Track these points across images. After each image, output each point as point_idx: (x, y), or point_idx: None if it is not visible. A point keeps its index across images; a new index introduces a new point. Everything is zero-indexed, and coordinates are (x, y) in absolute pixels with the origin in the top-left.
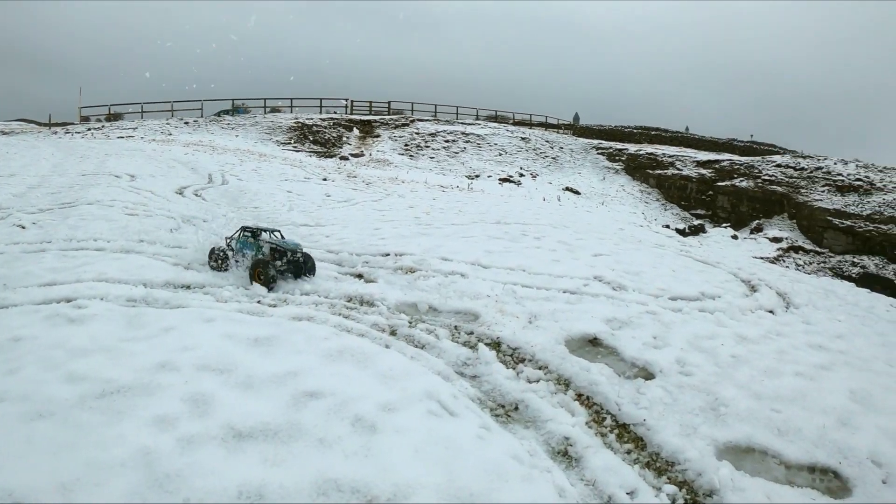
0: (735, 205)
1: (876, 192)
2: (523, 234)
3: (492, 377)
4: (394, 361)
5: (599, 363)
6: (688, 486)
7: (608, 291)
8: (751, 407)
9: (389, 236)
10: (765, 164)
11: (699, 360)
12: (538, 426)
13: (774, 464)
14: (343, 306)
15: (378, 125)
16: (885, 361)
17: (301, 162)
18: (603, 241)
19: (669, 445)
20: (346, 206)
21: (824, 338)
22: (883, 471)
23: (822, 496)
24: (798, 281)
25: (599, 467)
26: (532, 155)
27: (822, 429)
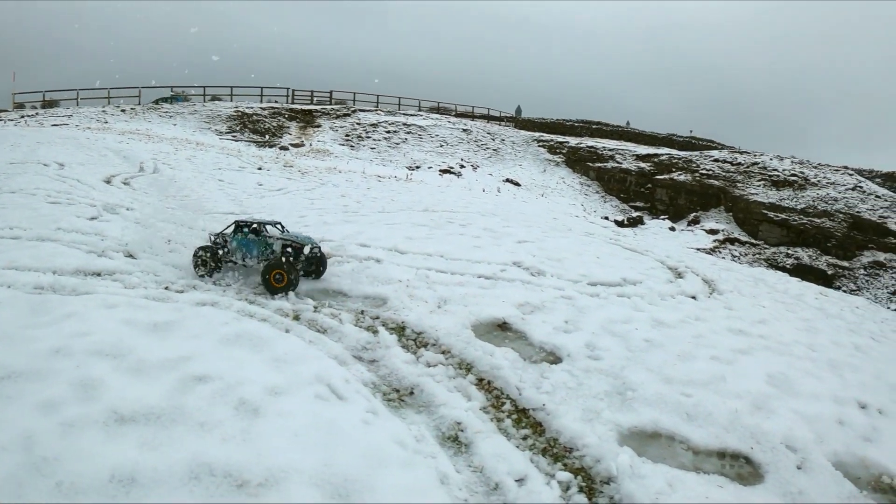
0: (673, 198)
1: (810, 188)
2: (449, 222)
3: (389, 361)
4: (290, 346)
5: (505, 347)
6: (585, 472)
7: (525, 277)
8: (660, 391)
9: (313, 223)
10: (703, 159)
11: (611, 344)
12: (431, 411)
13: (682, 449)
14: (251, 292)
15: (319, 115)
16: (806, 346)
17: (239, 151)
18: (531, 229)
19: (568, 431)
20: (278, 194)
21: (746, 323)
22: (798, 456)
23: (730, 483)
24: (728, 269)
25: (489, 453)
26: (473, 147)
27: (735, 413)
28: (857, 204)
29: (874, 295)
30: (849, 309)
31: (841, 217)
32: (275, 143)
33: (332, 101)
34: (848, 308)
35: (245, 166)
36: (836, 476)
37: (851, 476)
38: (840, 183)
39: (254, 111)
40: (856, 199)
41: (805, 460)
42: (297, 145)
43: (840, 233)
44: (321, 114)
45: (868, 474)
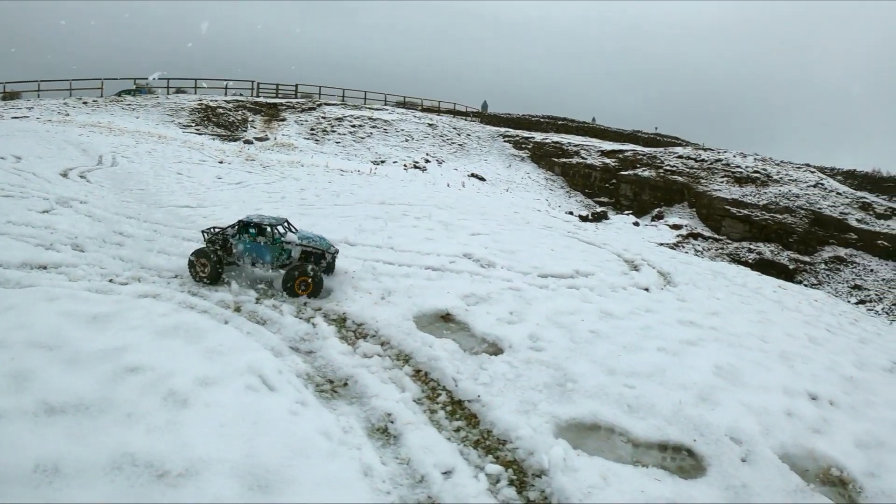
0: (637, 193)
1: (772, 184)
2: (404, 215)
3: (326, 352)
4: (226, 337)
5: (446, 339)
6: (517, 465)
7: (475, 268)
8: (602, 383)
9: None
10: (667, 155)
11: (555, 335)
12: (363, 402)
13: (621, 442)
14: (193, 284)
15: (284, 109)
16: (759, 337)
17: (202, 145)
18: (487, 222)
19: (503, 423)
20: (237, 188)
21: (697, 314)
22: (743, 448)
23: (670, 476)
24: (688, 263)
25: (417, 445)
26: (439, 141)
27: (679, 405)
28: (818, 201)
29: (834, 289)
30: (807, 302)
31: (802, 213)
32: (239, 136)
33: (298, 95)
34: (806, 301)
35: (206, 160)
36: (783, 469)
37: (799, 468)
38: (802, 180)
39: (218, 104)
40: (817, 195)
41: (750, 453)
42: (261, 139)
43: (801, 228)
44: (286, 107)
45: (816, 466)
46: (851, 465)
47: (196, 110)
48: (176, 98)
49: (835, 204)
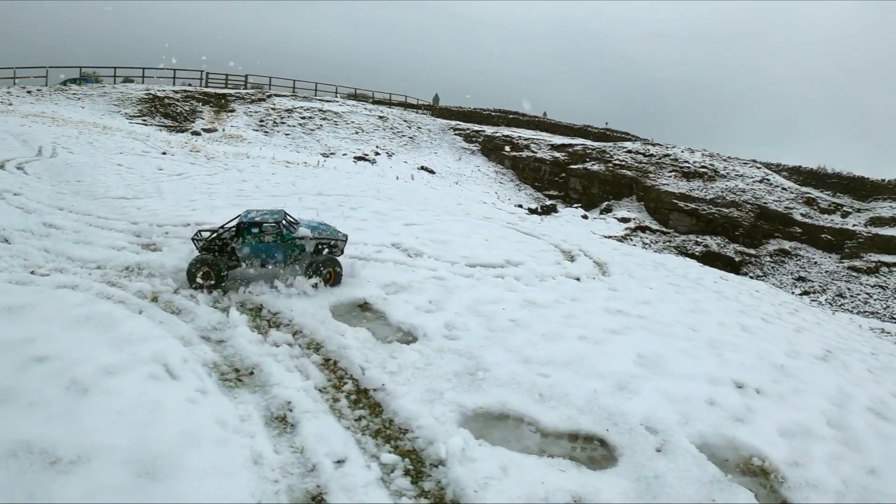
0: (587, 187)
1: (719, 179)
2: (339, 206)
3: (236, 341)
4: (138, 326)
5: (361, 327)
6: (415, 455)
7: (401, 258)
8: (515, 371)
9: (201, 208)
10: (616, 150)
11: (473, 323)
12: (266, 391)
13: (529, 432)
14: (116, 274)
15: (234, 99)
16: (688, 326)
17: (148, 136)
18: (424, 213)
19: (405, 412)
20: (177, 179)
21: (627, 303)
22: (658, 438)
23: (576, 466)
24: (629, 254)
25: (312, 434)
26: (389, 134)
27: (594, 394)
28: (764, 195)
29: (779, 280)
30: (747, 292)
31: (749, 207)
32: (187, 127)
33: (248, 86)
34: (746, 291)
35: (149, 151)
36: (699, 459)
37: (718, 458)
38: (748, 175)
39: (166, 94)
40: (763, 190)
41: (666, 442)
42: (209, 130)
43: (747, 222)
44: (235, 98)
45: (737, 456)
46: (774, 455)
47: (143, 100)
48: (123, 88)
49: (780, 199)
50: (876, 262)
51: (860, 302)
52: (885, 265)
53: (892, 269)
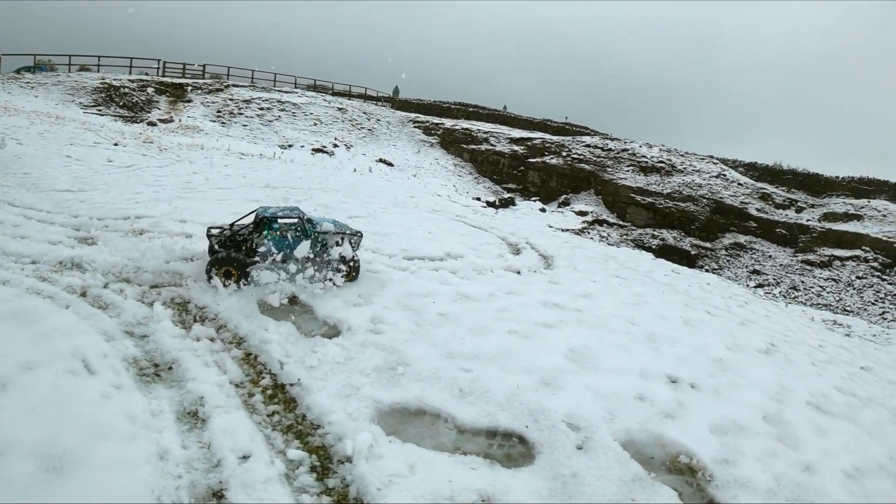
0: (545, 180)
1: (676, 174)
2: (285, 198)
3: (158, 336)
4: (62, 321)
5: (286, 322)
6: (324, 451)
7: None
8: (437, 366)
9: (144, 200)
10: (575, 144)
11: (400, 317)
12: (182, 385)
13: (446, 428)
14: (48, 270)
15: (191, 89)
16: (627, 319)
17: (103, 126)
18: (370, 205)
19: (319, 407)
20: (126, 171)
21: (566, 297)
22: (580, 435)
23: (489, 465)
24: (580, 247)
25: (220, 429)
26: (348, 126)
27: (516, 390)
28: (720, 190)
29: (734, 273)
30: (698, 285)
31: (705, 202)
32: (143, 118)
33: (206, 76)
34: (697, 284)
35: (100, 142)
36: (622, 457)
37: (643, 456)
38: (705, 170)
39: (122, 83)
40: (719, 185)
41: (588, 440)
42: (165, 121)
43: (703, 216)
44: (193, 88)
45: (664, 454)
46: (703, 452)
47: (99, 90)
48: (78, 76)
49: (736, 194)
50: (829, 256)
51: (813, 294)
52: (837, 259)
53: (845, 263)
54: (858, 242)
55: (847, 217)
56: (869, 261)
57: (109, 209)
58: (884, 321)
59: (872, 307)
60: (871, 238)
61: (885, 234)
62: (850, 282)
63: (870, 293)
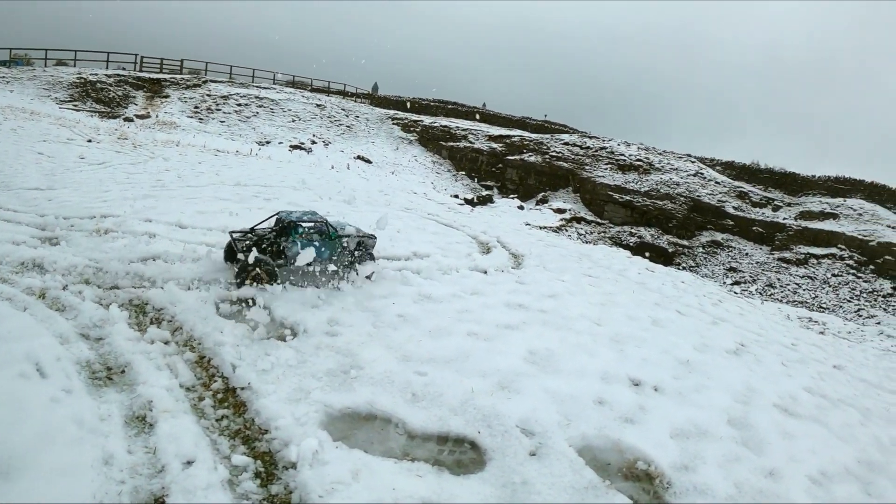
0: (523, 178)
1: (654, 172)
2: (255, 196)
3: (113, 339)
4: (17, 324)
5: (242, 324)
6: (269, 457)
7: None
8: (391, 370)
9: (112, 199)
10: (553, 142)
11: (358, 319)
12: (133, 389)
13: (396, 433)
14: (9, 271)
15: (168, 85)
16: (593, 320)
17: (78, 122)
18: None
19: (267, 411)
20: (98, 168)
21: (532, 297)
22: (534, 441)
23: (437, 471)
24: (554, 245)
25: (167, 434)
26: (327, 122)
27: (471, 394)
28: (697, 189)
29: (711, 271)
30: (671, 283)
31: (682, 200)
32: (119, 113)
33: (184, 71)
34: (671, 282)
35: (74, 138)
36: (576, 463)
37: (600, 462)
38: (683, 169)
39: (98, 78)
40: (697, 184)
41: (542, 446)
42: (142, 116)
43: (681, 214)
44: (170, 83)
45: (621, 460)
46: (661, 458)
47: (75, 84)
48: (54, 71)
49: (713, 192)
50: (805, 253)
51: (789, 292)
52: (813, 257)
53: (821, 261)
54: (834, 241)
55: (823, 216)
56: (844, 259)
57: (76, 208)
58: (859, 318)
59: (848, 304)
60: (846, 236)
61: (860, 233)
62: (826, 279)
63: (845, 290)
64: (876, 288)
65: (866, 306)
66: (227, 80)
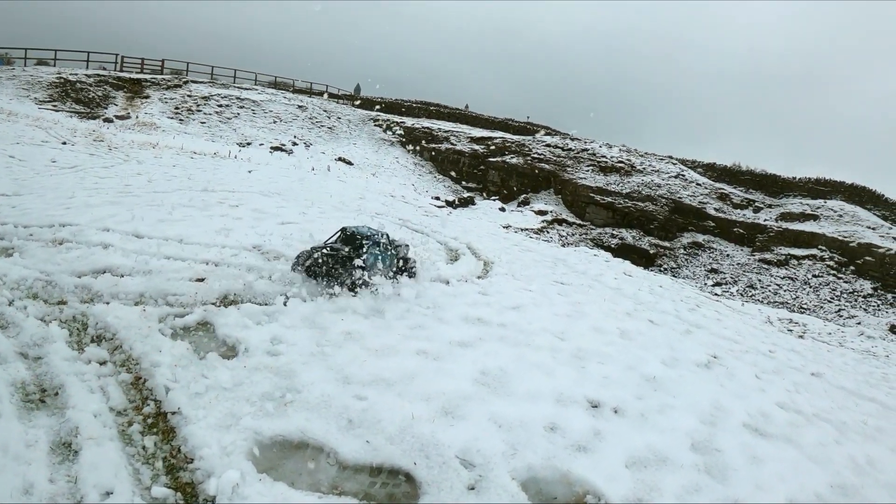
0: (505, 179)
1: (636, 174)
2: (220, 202)
3: (51, 358)
4: None
5: (183, 341)
6: (192, 488)
7: (257, 262)
8: (329, 394)
9: (76, 206)
10: (535, 144)
11: (302, 337)
12: (63, 413)
13: (327, 464)
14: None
15: (149, 85)
16: (557, 334)
17: (56, 122)
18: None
19: (195, 439)
20: (69, 172)
21: (493, 310)
22: (474, 473)
23: None
24: (529, 250)
25: (88, 463)
26: (308, 124)
27: (411, 420)
28: (679, 190)
29: (692, 272)
30: (648, 289)
31: (664, 202)
32: (99, 114)
33: (164, 71)
34: (648, 288)
35: (48, 140)
36: (519, 498)
37: (545, 496)
38: (664, 171)
39: (78, 78)
40: (678, 185)
41: (482, 479)
42: (122, 117)
43: (662, 216)
44: (150, 84)
45: (569, 493)
46: (613, 491)
47: (54, 84)
48: (34, 70)
49: (694, 194)
50: (786, 254)
51: (770, 293)
52: (794, 258)
53: (801, 262)
54: (815, 242)
55: (804, 217)
56: (825, 259)
57: (38, 215)
58: (839, 318)
59: (828, 304)
60: (827, 237)
61: (840, 234)
62: (807, 280)
63: (826, 291)
64: (856, 288)
65: (847, 307)
66: (209, 81)
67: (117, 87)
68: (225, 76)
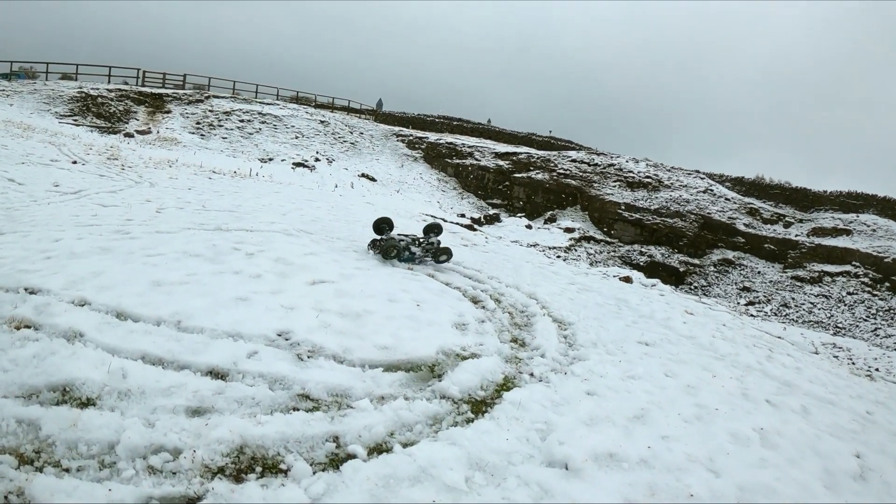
0: (531, 196)
1: (663, 189)
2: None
3: None
4: None
5: None
6: None
7: (287, 371)
8: None
9: (58, 255)
10: (561, 159)
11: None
12: None
13: None
14: None
15: (170, 100)
16: (707, 467)
17: (75, 137)
18: (340, 259)
19: None
20: (69, 199)
21: (619, 431)
22: None
23: None
24: (588, 289)
25: None
26: (331, 139)
27: None
28: (707, 206)
29: (724, 290)
30: (717, 332)
31: (693, 217)
32: (119, 128)
33: (186, 86)
34: (714, 329)
35: (58, 159)
36: None
37: None
38: (692, 185)
39: (99, 93)
40: (707, 201)
41: None
42: (143, 132)
43: (691, 232)
44: (172, 98)
45: None
46: None
47: (75, 99)
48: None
49: (723, 209)
50: (819, 271)
51: (804, 311)
52: (827, 275)
53: (835, 279)
54: (848, 257)
55: (836, 232)
56: (859, 276)
57: (8, 269)
58: (876, 338)
59: (864, 323)
60: (860, 253)
61: (874, 249)
62: (841, 298)
63: (861, 309)
64: (892, 306)
65: (883, 325)
66: (230, 96)
67: (139, 102)
68: (247, 91)
